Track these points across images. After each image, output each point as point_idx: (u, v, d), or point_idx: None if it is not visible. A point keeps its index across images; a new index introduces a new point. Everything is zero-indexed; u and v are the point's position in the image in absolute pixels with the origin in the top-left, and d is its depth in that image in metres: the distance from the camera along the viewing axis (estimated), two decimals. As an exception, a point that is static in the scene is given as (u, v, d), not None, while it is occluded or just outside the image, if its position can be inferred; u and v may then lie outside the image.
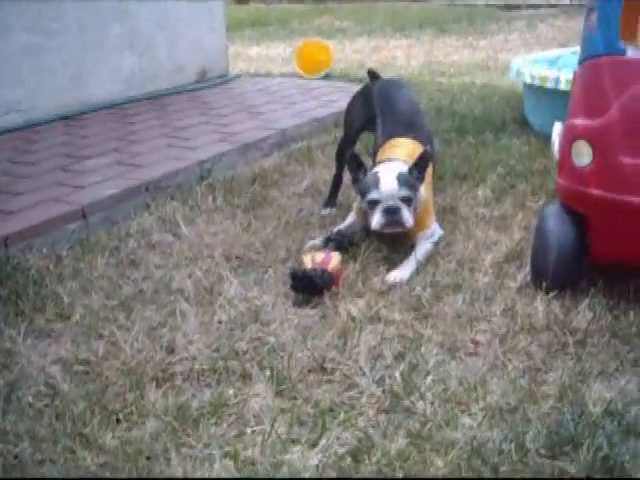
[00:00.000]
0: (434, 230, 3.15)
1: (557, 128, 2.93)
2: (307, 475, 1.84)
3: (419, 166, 3.04)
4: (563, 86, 4.60)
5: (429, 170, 3.21)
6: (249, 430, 2.01)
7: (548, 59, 5.59)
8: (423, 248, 3.05)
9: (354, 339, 2.43)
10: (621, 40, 2.58)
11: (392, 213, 2.93)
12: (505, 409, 2.08)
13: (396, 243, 3.15)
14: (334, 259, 2.84)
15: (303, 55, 7.36)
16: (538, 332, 2.50)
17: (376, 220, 2.95)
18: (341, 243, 3.09)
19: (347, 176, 3.50)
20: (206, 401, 2.12)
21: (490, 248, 3.14)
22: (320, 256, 2.85)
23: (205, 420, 2.04)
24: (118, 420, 2.05)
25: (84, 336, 2.49)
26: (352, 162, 3.08)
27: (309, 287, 2.71)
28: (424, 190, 3.09)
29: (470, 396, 2.13)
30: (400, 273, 2.89)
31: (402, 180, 2.95)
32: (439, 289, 2.78)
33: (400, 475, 1.84)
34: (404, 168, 3.02)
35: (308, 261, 2.82)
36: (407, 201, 2.95)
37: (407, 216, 2.94)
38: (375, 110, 3.47)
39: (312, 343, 2.41)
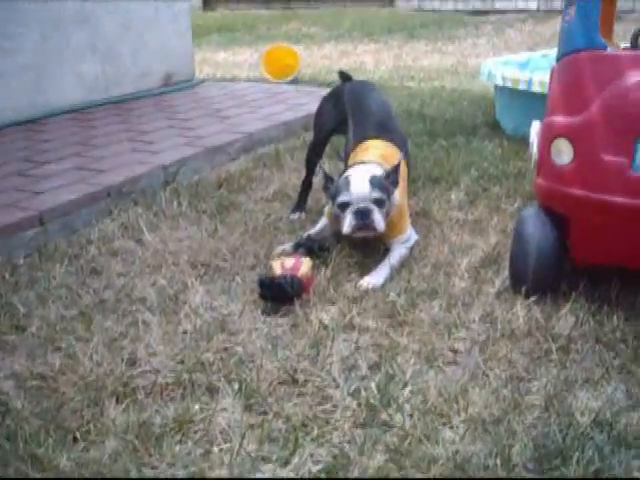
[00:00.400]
0: (409, 235, 3.04)
1: (535, 127, 2.83)
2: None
3: (394, 170, 2.92)
4: (536, 88, 4.54)
5: (404, 173, 3.10)
6: (216, 448, 1.87)
7: (518, 62, 5.54)
8: (397, 253, 2.93)
9: (327, 349, 2.31)
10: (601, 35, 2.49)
11: (363, 215, 2.80)
12: (488, 421, 1.96)
13: (369, 248, 3.03)
14: (304, 265, 2.71)
15: (270, 59, 7.25)
16: (519, 339, 2.39)
17: (347, 223, 2.81)
18: (311, 248, 2.96)
19: (317, 180, 3.40)
20: (170, 417, 1.97)
21: (466, 252, 3.04)
22: (290, 262, 2.72)
23: (169, 438, 1.90)
24: (75, 439, 1.90)
25: (40, 349, 2.34)
26: (322, 176, 2.99)
27: (278, 295, 2.58)
28: (398, 194, 2.98)
29: (451, 407, 2.01)
30: (373, 279, 2.77)
31: (374, 182, 2.82)
32: (414, 295, 2.66)
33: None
34: (378, 171, 2.90)
35: (277, 267, 2.69)
36: (379, 203, 2.82)
37: (379, 219, 2.81)
38: (346, 112, 3.35)
39: (282, 353, 2.28)
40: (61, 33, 5.38)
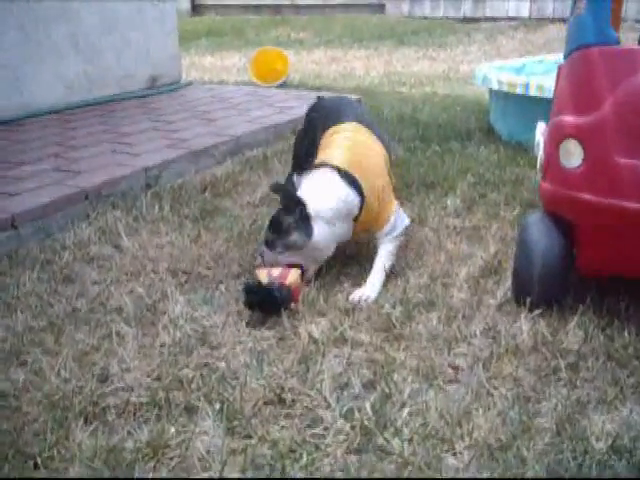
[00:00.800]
0: (396, 221, 2.77)
1: (540, 128, 2.66)
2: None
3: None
4: (533, 92, 4.38)
5: (382, 156, 2.89)
6: (194, 477, 1.68)
7: (513, 67, 5.39)
8: (386, 252, 2.72)
9: (317, 365, 2.12)
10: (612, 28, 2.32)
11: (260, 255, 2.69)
12: (495, 446, 1.78)
13: (362, 253, 2.86)
14: (292, 274, 2.52)
15: (259, 63, 7.09)
16: (524, 355, 2.21)
17: None
18: None
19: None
20: (143, 441, 1.78)
21: (464, 261, 2.86)
22: (276, 270, 2.53)
23: (141, 465, 1.71)
24: (36, 466, 1.70)
25: (3, 363, 2.14)
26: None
27: (266, 303, 2.39)
28: (374, 180, 2.73)
29: (454, 432, 1.83)
30: (367, 291, 2.58)
31: (270, 223, 2.65)
32: (410, 306, 2.48)
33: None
34: (326, 184, 2.65)
35: (263, 275, 2.51)
36: (268, 245, 2.63)
37: (268, 257, 2.62)
38: (316, 134, 3.04)
39: (268, 370, 2.09)
40: (41, 31, 5.18)
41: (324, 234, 2.60)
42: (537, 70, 5.44)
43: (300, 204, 2.57)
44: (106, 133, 4.54)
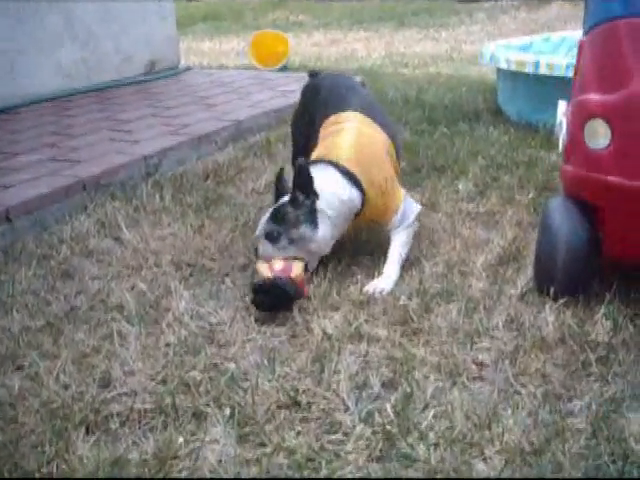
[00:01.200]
0: (404, 211, 2.63)
1: (562, 107, 2.52)
2: None
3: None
4: (543, 70, 4.24)
5: (385, 146, 2.73)
6: (205, 490, 1.56)
7: (520, 46, 5.23)
8: (400, 242, 2.59)
9: (332, 363, 1.98)
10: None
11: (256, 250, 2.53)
12: (528, 450, 1.65)
13: (375, 241, 2.72)
14: (296, 266, 2.38)
15: (258, 46, 6.95)
16: (551, 348, 2.08)
17: None
18: None
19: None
20: (149, 452, 1.65)
21: (481, 248, 2.74)
22: (278, 264, 2.38)
23: (148, 477, 1.58)
24: (34, 481, 1.58)
25: (-2, 368, 2.02)
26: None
27: (277, 298, 2.25)
28: (377, 175, 2.59)
29: (482, 435, 1.70)
30: (382, 283, 2.44)
31: (273, 214, 2.49)
32: (428, 298, 2.35)
33: None
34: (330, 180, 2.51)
35: (265, 270, 2.36)
36: (271, 238, 2.46)
37: (269, 250, 2.45)
38: (314, 116, 2.88)
39: (281, 370, 1.96)
40: (37, 17, 5.03)
41: (328, 230, 2.48)
42: (544, 48, 5.30)
43: (315, 195, 2.45)
44: (104, 120, 4.41)
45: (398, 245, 2.58)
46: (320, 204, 2.46)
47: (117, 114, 4.58)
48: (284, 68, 6.76)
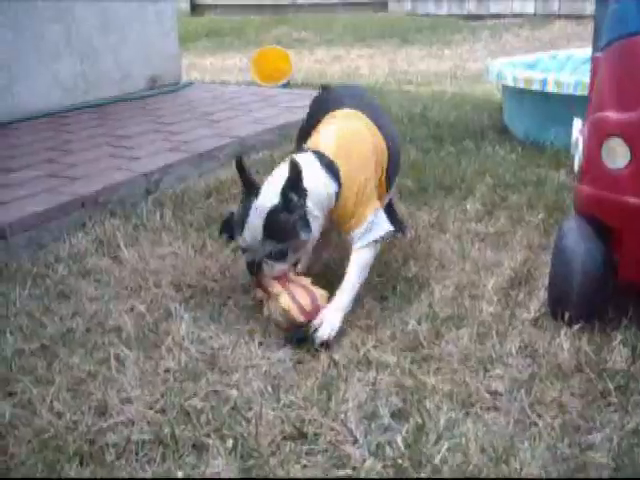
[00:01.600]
0: (372, 223, 2.37)
1: (578, 125, 2.44)
2: None
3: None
4: (551, 88, 4.17)
5: (375, 147, 2.54)
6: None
7: (526, 63, 5.17)
8: (358, 267, 2.32)
9: (339, 392, 1.90)
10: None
11: (252, 269, 2.29)
12: (548, 488, 1.56)
13: (381, 260, 2.64)
14: (321, 298, 2.23)
15: (261, 63, 6.89)
16: (568, 376, 1.99)
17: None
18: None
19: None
20: (147, 486, 1.57)
21: (491, 270, 2.65)
22: (301, 294, 2.20)
23: (145, 515, 1.50)
24: (24, 518, 1.49)
25: (-11, 394, 1.93)
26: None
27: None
28: (356, 171, 2.40)
29: (500, 470, 1.61)
30: (327, 327, 2.18)
31: (271, 225, 2.22)
32: (438, 323, 2.26)
33: None
34: (310, 169, 2.31)
35: (294, 309, 2.16)
36: (275, 257, 2.25)
37: (276, 269, 2.26)
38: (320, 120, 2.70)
39: (286, 398, 1.87)
40: (35, 31, 4.97)
41: (316, 229, 2.30)
42: (551, 66, 5.23)
43: (305, 193, 2.27)
44: (104, 136, 4.33)
45: (356, 269, 2.33)
46: (308, 202, 2.28)
47: (117, 130, 4.50)
48: (287, 85, 6.70)
